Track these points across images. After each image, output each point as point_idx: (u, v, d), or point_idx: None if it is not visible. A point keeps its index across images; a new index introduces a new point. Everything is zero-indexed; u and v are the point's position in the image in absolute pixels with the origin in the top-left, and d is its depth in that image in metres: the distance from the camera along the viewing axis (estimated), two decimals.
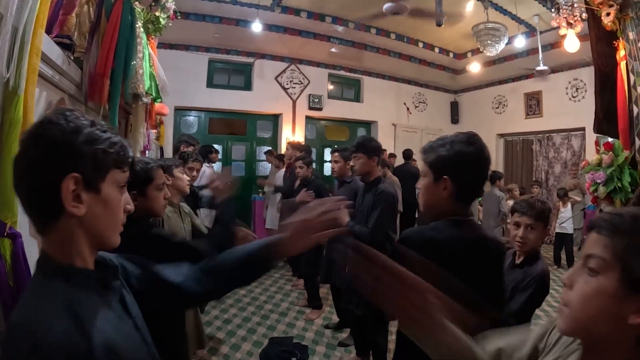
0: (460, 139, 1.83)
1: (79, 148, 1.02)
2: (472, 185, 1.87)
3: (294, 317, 5.60)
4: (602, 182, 3.72)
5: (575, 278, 0.95)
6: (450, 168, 1.80)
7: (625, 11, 3.40)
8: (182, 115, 10.26)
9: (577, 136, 10.76)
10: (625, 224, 0.89)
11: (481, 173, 1.86)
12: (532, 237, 2.46)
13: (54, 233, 1.04)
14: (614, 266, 0.87)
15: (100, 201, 1.07)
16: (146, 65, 3.29)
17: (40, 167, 1.00)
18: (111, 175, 1.09)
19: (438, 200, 1.85)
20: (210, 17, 8.65)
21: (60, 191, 0.99)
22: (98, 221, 1.07)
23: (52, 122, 1.02)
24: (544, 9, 7.79)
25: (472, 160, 1.80)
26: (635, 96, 3.47)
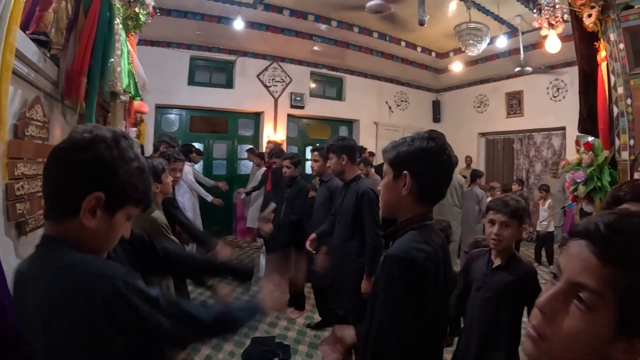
0: (420, 135, 1.73)
1: (116, 175, 1.19)
2: (434, 183, 1.72)
3: (276, 316, 5.55)
4: (582, 181, 3.74)
5: (557, 307, 0.79)
6: (410, 163, 1.69)
7: (606, 13, 3.43)
8: (163, 113, 10.15)
9: (558, 135, 10.89)
10: (631, 252, 0.72)
11: (442, 170, 1.71)
12: (507, 234, 2.46)
13: (60, 226, 1.19)
14: (612, 305, 0.72)
15: (110, 223, 1.22)
16: (124, 62, 3.23)
17: (78, 172, 1.16)
18: (128, 207, 1.26)
19: (398, 199, 1.72)
20: (192, 14, 8.59)
21: (82, 200, 1.15)
22: (99, 236, 1.23)
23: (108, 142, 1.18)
24: (526, 10, 7.86)
25: (433, 156, 1.67)
26: (615, 97, 3.50)
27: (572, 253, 0.80)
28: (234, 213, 10.17)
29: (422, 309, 1.53)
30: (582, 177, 3.72)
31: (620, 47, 3.42)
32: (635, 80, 3.40)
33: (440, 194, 1.78)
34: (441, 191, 1.77)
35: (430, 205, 1.77)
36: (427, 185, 1.70)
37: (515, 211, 2.47)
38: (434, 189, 1.74)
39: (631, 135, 3.45)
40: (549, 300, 0.81)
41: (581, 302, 0.75)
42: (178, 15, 8.47)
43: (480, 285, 2.55)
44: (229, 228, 10.41)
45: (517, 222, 2.47)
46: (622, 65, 3.44)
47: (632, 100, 3.42)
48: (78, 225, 1.17)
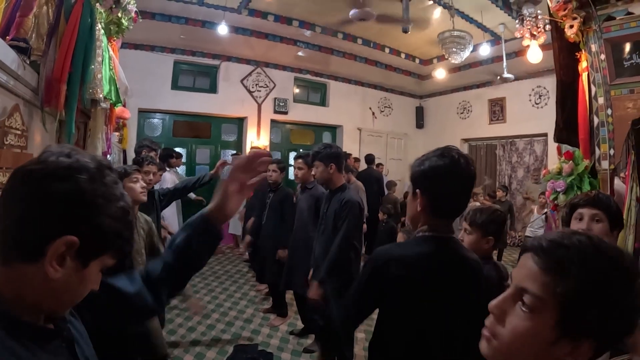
0: (433, 153, 1.78)
1: (97, 216, 0.92)
2: (446, 199, 1.77)
3: (258, 323, 5.53)
4: (562, 190, 3.77)
5: (505, 308, 0.89)
6: (421, 182, 1.78)
7: (588, 24, 3.46)
8: (146, 118, 10.08)
9: (540, 142, 11.04)
10: (571, 263, 0.82)
11: (455, 186, 1.76)
12: (466, 241, 2.55)
13: (12, 273, 0.89)
14: (552, 308, 0.82)
15: (80, 275, 0.93)
16: (105, 69, 3.20)
17: (50, 207, 0.88)
18: (104, 257, 0.97)
19: (414, 214, 1.83)
20: (176, 17, 8.54)
21: (50, 242, 0.86)
22: (65, 291, 0.93)
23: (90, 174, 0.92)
24: (509, 18, 7.94)
25: (443, 173, 1.72)
26: (596, 107, 3.53)
27: (521, 264, 0.91)
28: None
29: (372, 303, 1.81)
30: (562, 186, 3.74)
31: (602, 58, 3.45)
32: (616, 91, 3.43)
33: (456, 208, 1.85)
34: (457, 205, 1.83)
35: (446, 219, 1.84)
36: (439, 202, 1.76)
37: (473, 220, 2.56)
38: (448, 205, 1.80)
39: (611, 145, 3.48)
40: (498, 303, 0.91)
41: (524, 305, 0.85)
42: (162, 19, 8.41)
43: None
44: None
45: (479, 231, 2.53)
46: (602, 75, 3.47)
47: (612, 111, 3.45)
48: (36, 274, 0.87)
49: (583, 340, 0.81)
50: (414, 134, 13.99)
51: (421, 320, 1.72)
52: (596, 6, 3.35)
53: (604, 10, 3.37)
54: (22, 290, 0.89)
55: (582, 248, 0.83)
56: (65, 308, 1.00)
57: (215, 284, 7.09)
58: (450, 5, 7.72)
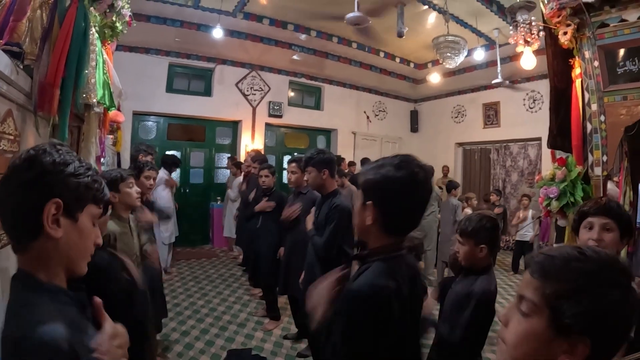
0: (390, 161, 1.61)
1: (65, 178, 1.16)
2: (401, 215, 1.61)
3: (252, 327, 5.52)
4: (555, 196, 3.77)
5: (510, 316, 0.99)
6: (374, 193, 1.60)
7: (582, 31, 3.47)
8: (141, 120, 10.05)
9: (534, 146, 11.10)
10: (555, 268, 0.93)
11: (412, 201, 1.60)
12: (462, 252, 2.55)
13: (31, 252, 1.14)
14: (544, 310, 0.91)
15: (76, 229, 1.19)
16: (99, 73, 3.19)
17: (29, 189, 1.13)
18: (88, 208, 1.23)
19: (364, 227, 1.63)
20: (171, 20, 8.54)
21: (42, 213, 1.11)
22: (72, 247, 1.19)
23: (46, 152, 1.16)
24: (504, 23, 7.98)
25: (399, 187, 1.56)
26: (589, 113, 3.54)
27: (524, 274, 1.01)
28: (211, 223, 10.13)
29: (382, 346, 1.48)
30: (555, 192, 3.75)
31: (595, 65, 3.46)
32: (609, 98, 3.43)
33: (410, 226, 1.67)
34: (412, 223, 1.66)
35: (400, 236, 1.67)
36: (393, 217, 1.60)
37: (465, 229, 2.54)
38: (402, 221, 1.64)
39: (604, 151, 3.48)
40: (505, 311, 1.02)
41: (522, 310, 0.96)
42: (157, 21, 8.42)
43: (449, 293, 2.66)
44: (206, 237, 10.36)
45: (471, 241, 2.50)
46: (596, 82, 3.47)
47: (605, 117, 3.45)
48: (45, 244, 1.14)
49: (578, 339, 0.88)
50: (409, 137, 14.05)
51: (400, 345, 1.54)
52: (590, 13, 3.35)
53: (597, 17, 3.37)
54: (43, 263, 1.15)
55: (567, 256, 0.93)
56: (80, 264, 1.24)
57: (209, 287, 7.06)
58: (445, 10, 7.76)
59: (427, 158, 11.99)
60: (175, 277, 7.50)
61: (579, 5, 3.33)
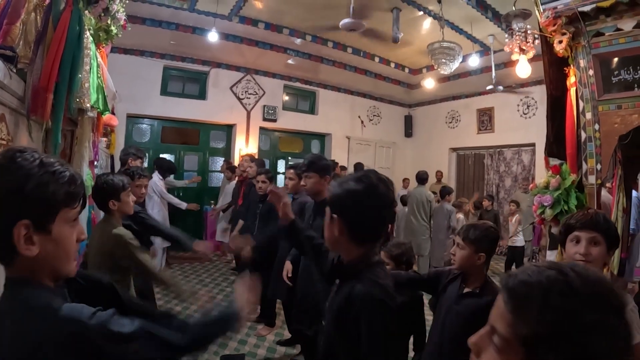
0: (352, 177, 1.76)
1: (28, 195, 1.09)
2: (364, 226, 1.73)
3: (245, 333, 5.48)
4: (548, 205, 3.77)
5: (482, 345, 0.88)
6: (338, 206, 1.74)
7: (577, 39, 3.47)
8: (135, 123, 9.99)
9: (527, 151, 11.14)
10: (531, 304, 0.78)
11: (371, 213, 1.71)
12: (458, 255, 2.58)
13: (15, 266, 1.14)
14: (518, 349, 0.78)
15: (52, 240, 1.15)
16: (93, 77, 3.16)
17: None
18: (61, 215, 1.16)
19: (335, 240, 1.76)
20: (166, 23, 8.53)
21: (12, 236, 1.08)
22: (52, 257, 1.16)
23: (3, 169, 1.10)
24: (499, 30, 8.01)
25: (360, 199, 1.69)
26: (583, 122, 3.54)
27: (497, 301, 0.87)
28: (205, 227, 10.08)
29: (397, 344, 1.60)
30: (549, 200, 3.74)
31: (590, 74, 3.46)
32: (604, 107, 3.43)
33: (374, 236, 1.78)
34: (375, 233, 1.77)
35: (370, 245, 1.77)
36: (358, 228, 1.72)
37: (466, 236, 2.56)
38: (365, 232, 1.74)
39: (598, 160, 3.48)
40: (476, 339, 0.90)
41: (494, 344, 0.84)
42: (152, 24, 8.40)
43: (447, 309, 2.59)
44: None
45: (473, 247, 2.53)
46: (591, 91, 3.47)
47: (599, 126, 3.46)
48: (27, 261, 1.12)
49: None
50: (403, 142, 14.07)
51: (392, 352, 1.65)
52: (585, 22, 3.36)
53: (593, 26, 3.38)
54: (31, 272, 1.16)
55: (549, 286, 0.78)
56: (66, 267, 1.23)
57: (202, 292, 7.01)
58: (440, 16, 7.77)
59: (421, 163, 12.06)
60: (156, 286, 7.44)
61: (575, 14, 3.33)
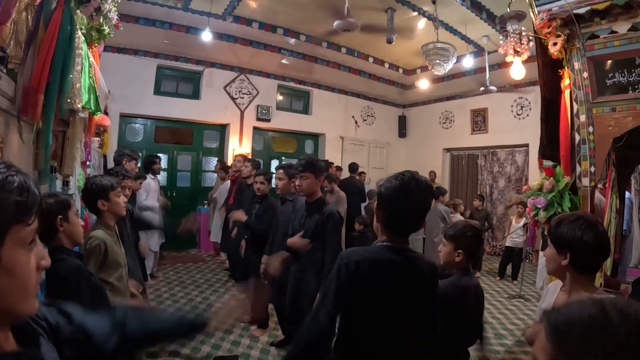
0: (392, 175, 2.00)
1: None
2: (395, 218, 1.98)
3: (239, 334, 5.44)
4: (542, 207, 3.78)
5: None
6: (378, 200, 2.03)
7: (572, 42, 3.48)
8: (128, 123, 9.91)
9: (521, 152, 11.17)
10: (572, 341, 0.81)
11: (400, 207, 1.95)
12: (442, 252, 2.72)
13: None
14: None
15: (2, 270, 0.87)
16: (85, 77, 3.14)
17: None
18: (12, 234, 0.88)
19: (375, 226, 2.07)
20: (160, 22, 8.51)
21: None
22: (4, 292, 0.88)
23: None
24: (493, 31, 8.04)
25: (393, 194, 1.93)
26: (577, 124, 3.54)
27: (540, 333, 0.89)
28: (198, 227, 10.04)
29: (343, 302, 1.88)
30: (542, 202, 3.75)
31: (584, 76, 3.47)
32: (598, 109, 3.44)
33: (407, 227, 2.02)
34: (407, 224, 2.01)
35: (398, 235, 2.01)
36: (391, 218, 1.99)
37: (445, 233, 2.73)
38: (396, 223, 1.99)
39: (592, 162, 3.49)
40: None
41: None
42: (146, 23, 8.38)
43: None
44: (193, 241, 10.27)
45: (452, 244, 2.65)
46: (585, 93, 3.48)
47: (594, 128, 3.46)
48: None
49: None
50: (397, 143, 14.08)
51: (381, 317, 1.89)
52: (580, 24, 3.36)
53: (587, 28, 3.38)
54: None
55: (588, 323, 0.81)
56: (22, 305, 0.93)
57: (195, 293, 6.99)
58: (434, 17, 7.78)
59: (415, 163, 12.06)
60: (161, 281, 7.42)
61: (570, 16, 3.34)
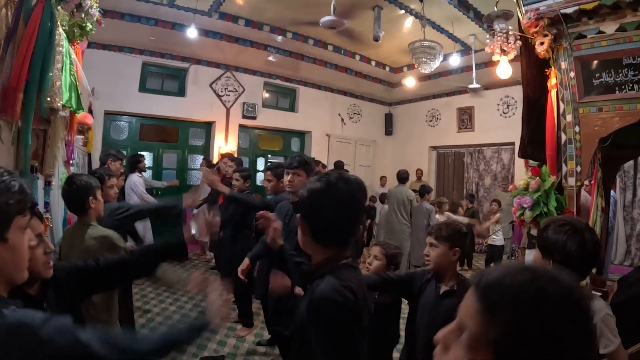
0: (316, 177, 1.67)
1: None
2: (326, 227, 1.61)
3: (225, 334, 5.41)
4: (528, 206, 3.78)
5: (449, 342, 0.88)
6: (302, 207, 1.66)
7: (559, 41, 3.47)
8: (112, 120, 9.80)
9: (507, 150, 11.26)
10: (504, 306, 0.78)
11: (332, 213, 1.59)
12: (433, 254, 2.61)
13: None
14: (487, 349, 0.79)
15: (8, 248, 1.22)
16: (66, 75, 3.07)
17: None
18: (15, 222, 1.23)
19: (302, 241, 1.68)
20: (145, 18, 8.41)
21: None
22: (7, 264, 1.23)
23: None
24: (480, 29, 8.05)
25: (319, 198, 1.60)
26: (564, 124, 3.55)
27: (466, 297, 0.87)
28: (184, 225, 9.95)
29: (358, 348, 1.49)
30: (528, 202, 3.75)
31: (571, 76, 3.46)
32: (584, 109, 3.44)
33: (340, 239, 1.66)
34: (340, 235, 1.65)
35: (338, 248, 1.65)
36: (320, 229, 1.62)
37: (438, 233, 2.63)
38: (329, 233, 1.63)
39: (578, 162, 3.50)
40: (444, 334, 0.90)
41: (462, 340, 0.84)
42: (131, 19, 8.27)
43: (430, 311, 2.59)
44: None
45: (447, 244, 2.58)
46: (571, 93, 3.48)
47: (580, 128, 3.47)
48: None
49: None
50: (383, 140, 14.11)
51: None
52: (567, 24, 3.36)
53: (575, 28, 3.38)
54: None
55: (522, 290, 0.78)
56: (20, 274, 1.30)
57: (181, 292, 6.93)
58: (421, 15, 7.78)
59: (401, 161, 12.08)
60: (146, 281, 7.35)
61: (557, 16, 3.33)
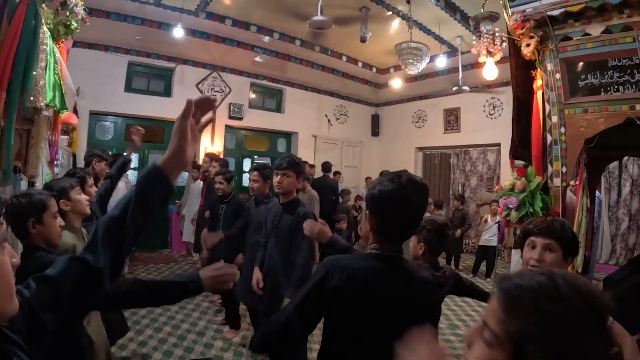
0: (384, 177, 1.81)
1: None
2: (391, 224, 1.81)
3: (211, 336, 5.37)
4: (514, 207, 3.79)
5: (473, 339, 0.94)
6: (370, 204, 1.83)
7: (545, 43, 3.50)
8: (98, 120, 9.71)
9: (493, 151, 11.33)
10: (522, 304, 0.85)
11: (395, 211, 1.77)
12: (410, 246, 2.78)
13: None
14: (506, 345, 0.85)
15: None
16: (50, 74, 3.03)
17: None
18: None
19: (366, 233, 1.88)
20: (132, 17, 8.35)
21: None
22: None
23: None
24: (467, 31, 8.10)
25: (388, 198, 1.75)
26: (549, 125, 3.57)
27: (491, 299, 0.93)
28: (170, 227, 9.92)
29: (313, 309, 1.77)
30: (514, 203, 3.77)
31: (557, 77, 3.49)
32: (570, 110, 3.47)
33: (402, 233, 1.87)
34: (402, 231, 1.86)
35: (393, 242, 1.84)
36: (385, 226, 1.80)
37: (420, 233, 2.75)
38: (392, 229, 1.82)
39: (564, 162, 3.52)
40: (468, 333, 0.96)
41: (484, 338, 0.89)
42: (117, 18, 8.19)
43: None
44: (165, 242, 10.13)
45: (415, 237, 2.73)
46: (557, 94, 3.50)
47: (565, 129, 3.49)
48: None
49: None
50: (369, 141, 14.13)
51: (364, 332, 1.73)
52: (554, 26, 3.38)
53: (561, 30, 3.40)
54: None
55: (538, 290, 0.84)
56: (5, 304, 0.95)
57: None
58: (408, 17, 7.79)
59: (388, 162, 12.11)
60: None
61: (543, 17, 3.35)
